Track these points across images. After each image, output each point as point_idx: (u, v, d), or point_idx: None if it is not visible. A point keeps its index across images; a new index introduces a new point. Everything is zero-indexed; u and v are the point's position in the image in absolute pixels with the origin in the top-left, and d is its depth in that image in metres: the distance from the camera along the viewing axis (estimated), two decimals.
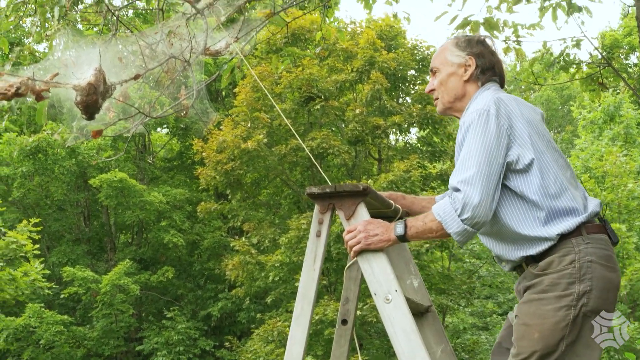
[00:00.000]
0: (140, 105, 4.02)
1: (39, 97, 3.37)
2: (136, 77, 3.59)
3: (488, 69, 3.69)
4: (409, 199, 4.15)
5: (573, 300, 3.37)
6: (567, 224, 3.45)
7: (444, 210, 3.43)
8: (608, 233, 3.54)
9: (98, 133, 3.75)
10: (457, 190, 3.42)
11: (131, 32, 4.65)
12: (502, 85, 3.76)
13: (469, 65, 3.67)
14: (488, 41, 3.76)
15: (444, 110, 3.76)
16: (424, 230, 3.51)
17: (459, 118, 3.73)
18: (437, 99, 3.75)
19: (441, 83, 3.71)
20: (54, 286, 20.49)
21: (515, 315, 3.52)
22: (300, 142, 4.58)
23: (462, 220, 3.39)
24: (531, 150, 3.47)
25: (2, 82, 3.34)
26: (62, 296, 24.08)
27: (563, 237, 3.44)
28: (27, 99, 3.52)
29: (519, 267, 3.61)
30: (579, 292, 3.38)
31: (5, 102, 3.50)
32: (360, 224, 3.63)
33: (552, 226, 3.45)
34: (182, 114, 4.05)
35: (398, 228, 3.56)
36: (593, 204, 3.56)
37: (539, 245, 3.47)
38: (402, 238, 3.56)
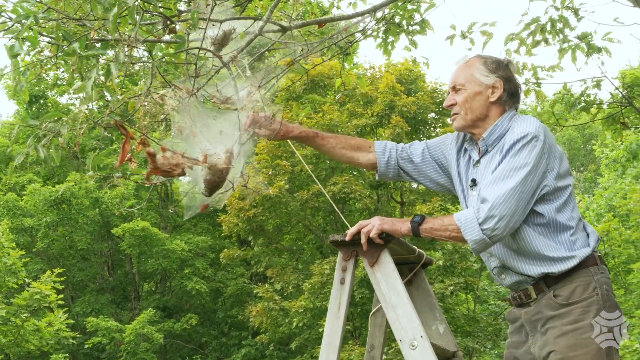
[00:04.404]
0: None
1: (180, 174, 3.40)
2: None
3: (514, 94, 3.73)
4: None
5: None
6: (586, 250, 3.56)
7: (466, 218, 3.47)
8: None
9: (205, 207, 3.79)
10: (485, 201, 3.46)
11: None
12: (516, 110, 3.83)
13: (497, 88, 3.69)
14: (511, 66, 3.80)
15: (463, 127, 3.76)
16: (439, 228, 3.53)
17: (475, 136, 3.74)
18: (456, 114, 3.74)
19: (466, 100, 3.70)
20: (78, 336, 20.47)
21: (550, 352, 3.50)
22: (321, 187, 4.58)
23: (482, 230, 3.43)
24: (566, 181, 3.58)
25: (165, 159, 3.35)
26: (86, 346, 24.04)
27: (582, 265, 3.53)
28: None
29: (522, 282, 3.63)
30: None
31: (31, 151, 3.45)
32: (375, 218, 3.67)
33: (575, 251, 3.54)
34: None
35: (415, 218, 3.59)
36: (596, 236, 3.67)
37: (563, 263, 3.53)
38: (416, 228, 3.56)
